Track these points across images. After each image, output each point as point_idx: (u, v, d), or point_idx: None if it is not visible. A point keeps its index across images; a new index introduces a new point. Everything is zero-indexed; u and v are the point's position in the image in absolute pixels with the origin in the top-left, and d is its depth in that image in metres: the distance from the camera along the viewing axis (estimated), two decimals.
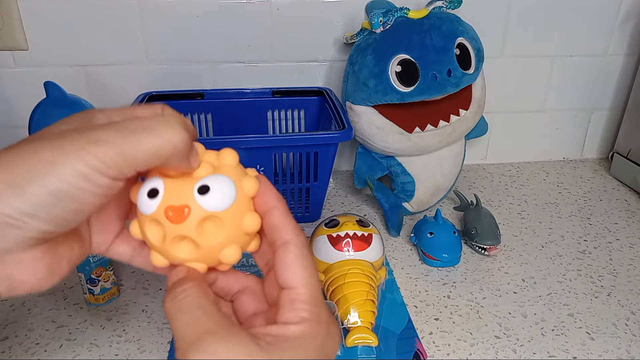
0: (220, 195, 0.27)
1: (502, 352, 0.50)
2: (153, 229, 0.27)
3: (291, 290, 0.27)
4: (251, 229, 0.28)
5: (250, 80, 0.77)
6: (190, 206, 0.26)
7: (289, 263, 0.27)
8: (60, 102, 0.56)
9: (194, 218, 0.26)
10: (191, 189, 0.27)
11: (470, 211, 0.69)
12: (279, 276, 0.27)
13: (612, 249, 0.67)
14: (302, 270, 0.27)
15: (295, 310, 0.26)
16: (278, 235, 0.28)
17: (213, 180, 0.27)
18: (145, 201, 0.27)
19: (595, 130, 0.92)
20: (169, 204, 0.26)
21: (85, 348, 0.50)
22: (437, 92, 0.64)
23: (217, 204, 0.26)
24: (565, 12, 0.80)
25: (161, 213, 0.26)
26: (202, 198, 0.26)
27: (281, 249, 0.27)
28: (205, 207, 0.26)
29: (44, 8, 0.70)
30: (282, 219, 0.28)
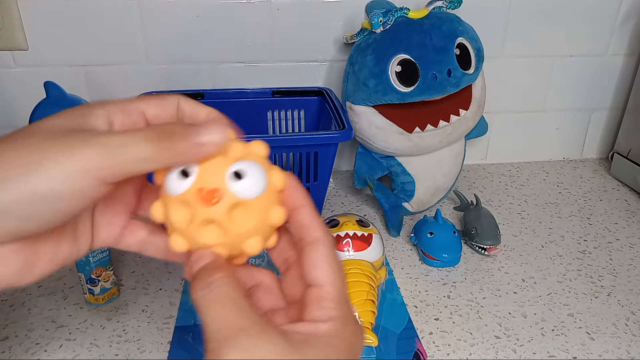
0: (253, 182, 0.26)
1: (502, 352, 0.50)
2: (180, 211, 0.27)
3: (319, 288, 0.26)
4: (277, 221, 0.28)
5: (250, 80, 0.77)
6: (222, 190, 0.26)
7: (318, 261, 0.27)
8: (60, 102, 0.56)
9: (225, 202, 0.26)
10: (224, 172, 0.26)
11: (470, 211, 0.69)
12: (307, 273, 0.27)
13: (612, 249, 0.67)
14: (330, 269, 0.27)
15: (324, 309, 0.26)
16: (306, 232, 0.28)
17: (246, 166, 0.27)
18: (175, 181, 0.26)
19: (595, 130, 0.92)
20: (201, 185, 0.26)
21: (85, 348, 0.50)
22: (437, 92, 0.64)
23: (249, 190, 0.26)
24: (565, 12, 0.80)
25: (192, 194, 0.26)
26: (235, 183, 0.26)
27: (310, 247, 0.27)
28: (237, 193, 0.26)
29: (44, 8, 0.70)
30: (310, 216, 0.28)
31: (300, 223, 0.28)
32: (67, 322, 0.53)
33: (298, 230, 0.28)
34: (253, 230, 0.27)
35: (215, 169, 0.27)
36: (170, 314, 0.54)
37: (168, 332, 0.52)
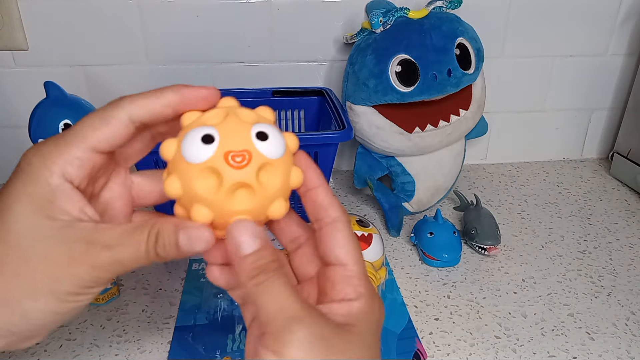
0: (278, 142, 0.26)
1: (502, 352, 0.50)
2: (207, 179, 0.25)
3: (344, 267, 0.27)
4: (297, 183, 0.28)
5: (250, 80, 0.77)
6: (250, 151, 0.25)
7: (340, 240, 0.27)
8: (60, 102, 0.56)
9: (255, 164, 0.25)
10: (249, 134, 0.26)
11: (470, 211, 0.69)
12: (330, 253, 0.28)
13: (612, 249, 0.67)
14: (353, 248, 0.28)
15: (353, 286, 0.27)
16: (325, 213, 0.28)
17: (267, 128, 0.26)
18: (198, 148, 0.25)
19: (595, 130, 0.92)
20: (228, 148, 0.25)
21: (85, 348, 0.50)
22: (437, 92, 0.64)
23: (275, 150, 0.26)
24: (565, 12, 0.80)
25: (219, 159, 0.25)
26: (261, 144, 0.26)
27: (330, 226, 0.28)
28: (265, 153, 0.26)
29: (44, 8, 0.70)
30: (328, 197, 0.28)
31: (319, 203, 0.28)
32: (67, 322, 0.53)
33: (316, 210, 0.28)
34: (279, 191, 0.27)
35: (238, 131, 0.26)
36: (170, 314, 0.54)
37: (168, 332, 0.52)
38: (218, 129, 0.26)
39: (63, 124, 0.54)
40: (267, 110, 0.29)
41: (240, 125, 0.26)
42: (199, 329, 0.52)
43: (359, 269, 0.27)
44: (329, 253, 0.28)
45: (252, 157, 0.25)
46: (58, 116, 0.54)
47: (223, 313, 0.54)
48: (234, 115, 0.27)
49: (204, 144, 0.25)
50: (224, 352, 0.49)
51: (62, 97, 0.56)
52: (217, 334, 0.51)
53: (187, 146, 0.25)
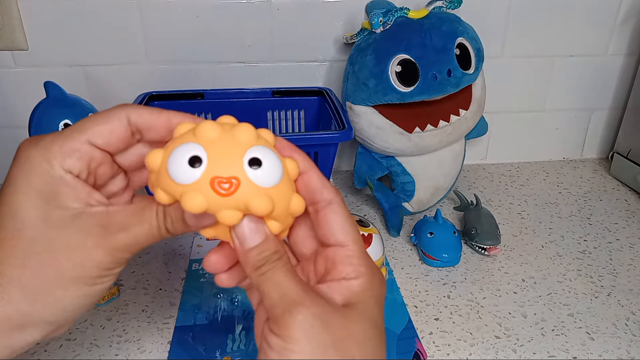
0: (272, 170, 0.25)
1: (502, 352, 0.50)
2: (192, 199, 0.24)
3: (344, 247, 0.28)
4: (298, 211, 0.27)
5: (250, 80, 0.77)
6: (239, 178, 0.24)
7: (338, 222, 0.28)
8: (60, 102, 0.56)
9: (243, 191, 0.24)
10: (240, 159, 0.24)
11: (470, 211, 0.69)
12: (329, 235, 0.28)
13: (612, 249, 0.67)
14: (350, 228, 0.28)
15: (353, 265, 0.28)
16: (320, 196, 0.28)
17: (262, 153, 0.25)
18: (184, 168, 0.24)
19: (595, 130, 0.92)
20: (215, 173, 0.24)
21: (85, 348, 0.50)
22: (437, 92, 0.64)
23: (269, 179, 0.25)
24: (565, 12, 0.80)
25: (206, 183, 0.23)
26: (253, 172, 0.24)
27: (327, 209, 0.28)
28: (256, 182, 0.24)
29: (44, 8, 0.70)
30: (320, 180, 0.29)
31: (311, 188, 0.29)
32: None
33: (309, 194, 0.29)
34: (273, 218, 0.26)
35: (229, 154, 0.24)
36: (170, 314, 0.54)
37: (168, 332, 0.52)
38: (207, 150, 0.24)
39: (63, 124, 0.54)
40: (268, 133, 0.28)
41: (232, 147, 0.25)
42: (199, 329, 0.52)
43: (358, 248, 0.28)
44: (329, 236, 0.28)
45: (240, 184, 0.24)
46: (58, 116, 0.54)
47: (223, 313, 0.54)
48: (229, 135, 0.25)
49: (190, 166, 0.24)
50: (224, 352, 0.49)
51: (62, 97, 0.56)
52: (217, 334, 0.51)
53: (173, 164, 0.24)
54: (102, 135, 0.28)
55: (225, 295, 0.56)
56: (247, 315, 0.53)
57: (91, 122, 0.28)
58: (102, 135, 0.28)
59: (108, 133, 0.28)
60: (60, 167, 0.27)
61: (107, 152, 0.29)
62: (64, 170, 0.27)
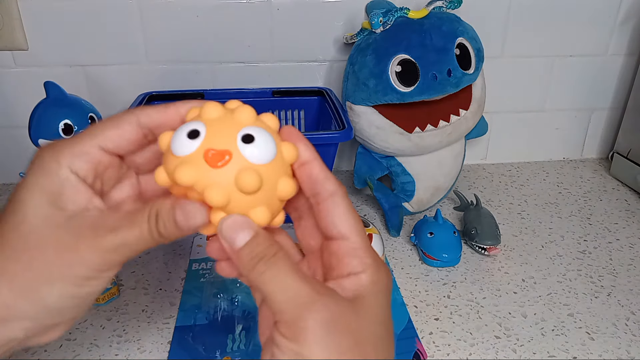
0: (264, 147, 0.26)
1: (502, 352, 0.50)
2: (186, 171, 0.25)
3: (347, 240, 0.27)
4: (285, 194, 0.27)
5: (250, 80, 0.77)
6: (232, 152, 0.25)
7: (341, 214, 0.28)
8: (60, 102, 0.56)
9: (234, 165, 0.25)
10: (235, 135, 0.25)
11: (470, 211, 0.69)
12: (331, 227, 0.28)
13: (612, 249, 0.67)
14: (353, 220, 0.28)
15: (359, 258, 0.27)
16: (322, 187, 0.28)
17: (257, 131, 0.26)
18: (183, 141, 0.25)
19: (595, 130, 0.92)
20: (210, 146, 0.25)
21: (85, 348, 0.50)
22: (437, 92, 0.64)
23: (260, 155, 0.25)
24: (565, 12, 0.80)
25: (200, 155, 0.25)
26: (245, 146, 0.25)
27: (329, 200, 0.28)
28: (247, 157, 0.25)
29: (44, 8, 0.70)
30: (323, 170, 0.28)
31: (314, 178, 0.28)
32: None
33: (311, 185, 0.28)
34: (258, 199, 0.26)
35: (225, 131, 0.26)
36: (170, 314, 0.54)
37: (168, 332, 0.52)
38: (207, 126, 0.26)
39: (63, 124, 0.54)
40: (272, 118, 0.28)
41: (230, 125, 0.26)
42: (199, 329, 0.52)
43: (362, 240, 0.28)
44: (331, 228, 0.28)
45: (232, 158, 0.25)
46: (58, 116, 0.54)
47: (223, 313, 0.54)
48: (230, 115, 0.27)
49: (189, 138, 0.25)
50: (224, 352, 0.49)
51: (62, 97, 0.56)
52: (217, 334, 0.51)
53: (175, 139, 0.26)
54: (112, 139, 0.28)
55: (225, 295, 0.56)
56: (247, 315, 0.53)
57: (102, 126, 0.29)
58: (112, 139, 0.28)
59: (117, 137, 0.29)
60: (67, 167, 0.27)
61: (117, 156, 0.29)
62: (71, 171, 0.27)
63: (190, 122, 0.26)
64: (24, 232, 0.26)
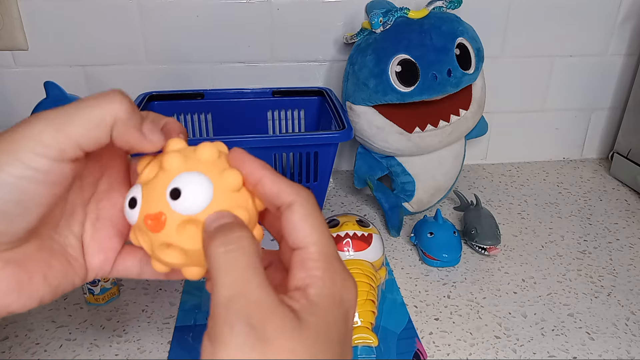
0: (192, 198, 0.25)
1: (502, 352, 0.50)
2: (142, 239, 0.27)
3: (302, 250, 0.25)
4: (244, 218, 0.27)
5: (250, 80, 0.77)
6: (165, 213, 0.25)
7: (294, 223, 0.25)
8: (60, 102, 0.56)
9: (171, 224, 0.25)
10: (164, 193, 0.25)
11: (470, 211, 0.69)
12: (288, 238, 0.25)
13: (612, 249, 0.67)
14: (309, 228, 0.25)
15: (307, 270, 0.24)
16: (279, 201, 0.26)
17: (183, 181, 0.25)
18: (127, 211, 0.27)
19: (595, 130, 0.92)
20: (146, 212, 0.26)
21: (85, 348, 0.50)
22: (437, 92, 0.64)
23: (191, 206, 0.25)
24: (565, 12, 0.80)
25: (142, 223, 0.26)
26: (174, 203, 0.25)
27: (285, 211, 0.26)
28: (180, 212, 0.25)
29: (44, 8, 0.70)
30: (276, 184, 0.26)
31: (268, 195, 0.26)
32: (67, 322, 0.53)
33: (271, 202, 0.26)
34: None
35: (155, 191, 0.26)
36: (170, 314, 0.54)
37: (168, 332, 0.52)
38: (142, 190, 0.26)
39: None
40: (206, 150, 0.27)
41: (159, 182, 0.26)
42: (199, 329, 0.52)
43: (317, 249, 0.25)
44: (289, 239, 0.25)
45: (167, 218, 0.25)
46: None
47: None
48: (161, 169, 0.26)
49: (130, 208, 0.27)
50: None
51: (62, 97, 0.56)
52: None
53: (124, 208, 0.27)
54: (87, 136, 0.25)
55: None
56: None
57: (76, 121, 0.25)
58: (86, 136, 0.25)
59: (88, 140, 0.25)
60: None
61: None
62: None
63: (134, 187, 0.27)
64: None
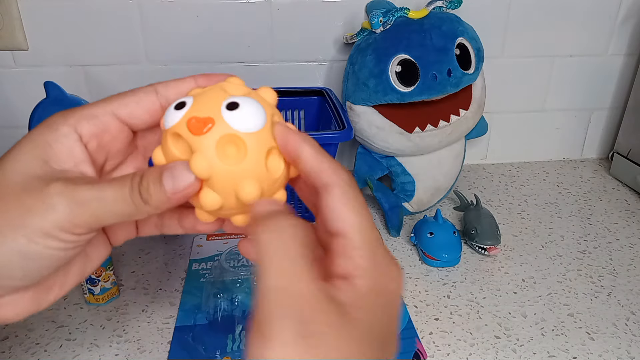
0: (249, 115, 0.25)
1: (502, 352, 0.50)
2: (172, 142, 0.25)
3: (342, 237, 0.24)
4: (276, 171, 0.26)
5: (250, 80, 0.77)
6: (215, 120, 0.24)
7: (334, 208, 0.24)
8: (60, 102, 0.56)
9: (216, 132, 0.24)
10: (220, 103, 0.25)
11: (470, 211, 0.69)
12: (327, 223, 0.24)
13: (612, 249, 0.67)
14: (349, 213, 0.24)
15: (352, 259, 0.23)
16: (317, 180, 0.25)
17: (244, 100, 0.25)
18: (171, 113, 0.26)
19: (595, 130, 0.92)
20: (193, 114, 0.25)
21: (85, 348, 0.50)
22: (437, 92, 0.64)
23: (244, 123, 0.24)
24: (565, 12, 0.80)
25: (184, 124, 0.25)
26: (229, 113, 0.25)
27: (323, 193, 0.25)
28: (231, 124, 0.24)
29: (44, 8, 0.70)
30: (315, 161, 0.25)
31: (307, 171, 0.25)
32: (67, 322, 0.53)
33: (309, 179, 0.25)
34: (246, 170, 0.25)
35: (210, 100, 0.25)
36: (170, 314, 0.54)
37: (168, 332, 0.52)
38: (194, 98, 0.26)
39: None
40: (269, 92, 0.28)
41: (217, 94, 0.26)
42: (199, 329, 0.52)
43: (359, 237, 0.24)
44: (328, 224, 0.24)
45: (214, 125, 0.24)
46: None
47: (223, 313, 0.54)
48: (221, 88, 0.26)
49: (175, 109, 0.25)
50: (224, 352, 0.49)
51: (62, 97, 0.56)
52: (217, 334, 0.51)
53: (165, 113, 0.26)
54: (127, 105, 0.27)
55: (225, 295, 0.56)
56: (247, 315, 0.53)
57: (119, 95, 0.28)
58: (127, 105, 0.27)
59: (134, 104, 0.27)
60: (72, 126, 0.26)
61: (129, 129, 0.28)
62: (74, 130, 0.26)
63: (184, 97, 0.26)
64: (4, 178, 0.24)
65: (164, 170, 0.24)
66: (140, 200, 0.24)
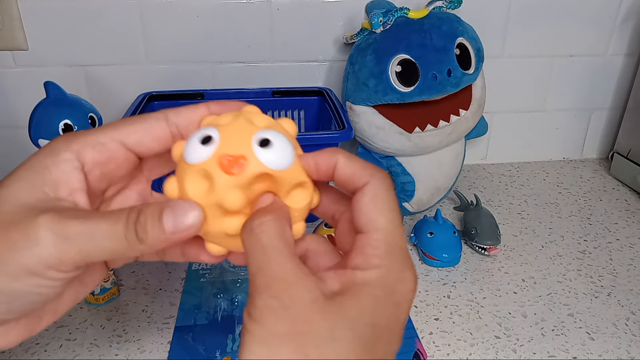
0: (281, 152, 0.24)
1: (502, 352, 0.50)
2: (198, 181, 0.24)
3: (367, 234, 0.24)
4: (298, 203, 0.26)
5: (250, 80, 0.77)
6: (247, 157, 0.24)
7: (362, 206, 0.24)
8: (60, 102, 0.56)
9: (250, 171, 0.24)
10: (250, 138, 0.24)
11: (470, 211, 0.69)
12: (355, 221, 0.25)
13: (612, 249, 0.67)
14: (377, 212, 0.24)
15: (366, 255, 0.23)
16: (353, 185, 0.25)
17: (275, 137, 0.24)
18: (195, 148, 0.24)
19: (595, 130, 0.92)
20: (224, 152, 0.23)
21: (85, 348, 0.50)
22: (437, 92, 0.64)
23: (277, 161, 0.24)
24: (565, 12, 0.80)
25: (214, 162, 0.23)
26: (262, 151, 0.24)
27: (357, 194, 0.25)
28: (264, 162, 0.24)
29: (44, 8, 0.70)
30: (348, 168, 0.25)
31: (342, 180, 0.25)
32: (67, 322, 0.53)
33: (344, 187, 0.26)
34: None
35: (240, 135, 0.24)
36: (170, 314, 0.54)
37: (168, 332, 0.52)
38: (221, 131, 0.24)
39: (63, 124, 0.54)
40: (289, 123, 0.27)
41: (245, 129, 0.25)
42: (199, 329, 0.52)
43: (382, 236, 0.24)
44: (355, 221, 0.25)
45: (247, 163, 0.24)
46: (58, 116, 0.54)
47: (223, 313, 0.54)
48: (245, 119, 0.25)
49: (202, 145, 0.24)
50: (224, 352, 0.49)
51: (62, 97, 0.56)
52: (217, 334, 0.51)
53: (187, 146, 0.24)
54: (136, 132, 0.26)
55: (225, 295, 0.56)
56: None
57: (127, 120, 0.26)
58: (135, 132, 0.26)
59: (142, 131, 0.26)
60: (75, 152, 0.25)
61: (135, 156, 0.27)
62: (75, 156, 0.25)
63: (204, 128, 0.25)
64: None
65: (165, 208, 0.23)
66: (135, 238, 0.23)
